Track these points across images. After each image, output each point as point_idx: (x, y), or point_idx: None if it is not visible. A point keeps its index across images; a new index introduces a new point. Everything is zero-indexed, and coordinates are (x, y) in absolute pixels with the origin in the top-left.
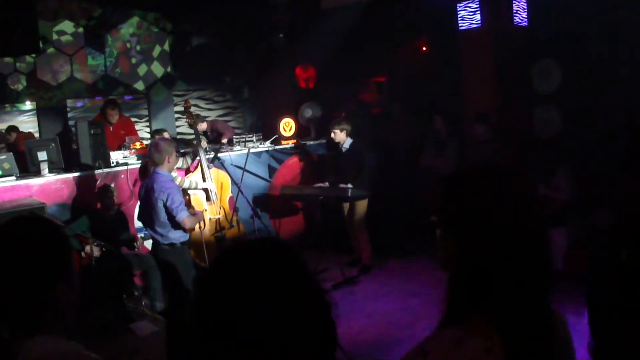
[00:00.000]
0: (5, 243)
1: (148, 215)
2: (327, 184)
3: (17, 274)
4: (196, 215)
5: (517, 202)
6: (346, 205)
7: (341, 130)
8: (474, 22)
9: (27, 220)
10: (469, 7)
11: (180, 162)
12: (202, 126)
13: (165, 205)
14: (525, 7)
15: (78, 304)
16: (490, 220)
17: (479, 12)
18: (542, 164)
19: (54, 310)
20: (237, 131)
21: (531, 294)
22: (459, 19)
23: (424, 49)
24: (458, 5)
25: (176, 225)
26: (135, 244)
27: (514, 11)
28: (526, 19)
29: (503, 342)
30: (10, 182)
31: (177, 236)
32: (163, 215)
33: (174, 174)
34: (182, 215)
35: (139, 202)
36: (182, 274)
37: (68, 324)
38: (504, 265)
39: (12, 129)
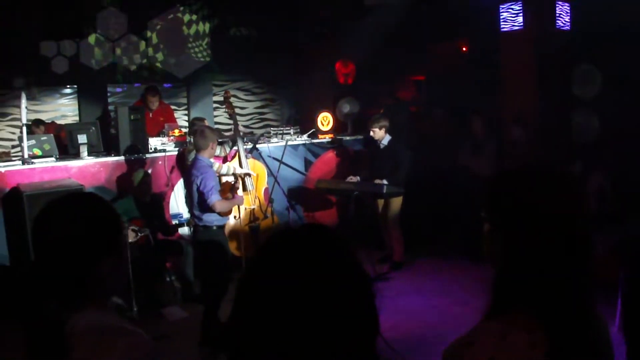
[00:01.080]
0: (56, 216)
1: (189, 198)
2: (358, 178)
3: (67, 247)
4: (232, 200)
5: (566, 200)
6: (380, 202)
7: (380, 128)
8: (516, 24)
9: (78, 195)
10: (512, 8)
11: (218, 150)
12: (240, 128)
13: (198, 189)
14: (568, 11)
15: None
16: (539, 217)
17: (521, 14)
18: (578, 169)
19: (101, 285)
20: (274, 124)
21: (575, 292)
22: (501, 20)
23: (464, 49)
24: (501, 6)
25: (209, 208)
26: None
27: (557, 14)
28: (568, 23)
29: (546, 338)
30: (50, 163)
31: (211, 219)
32: (196, 198)
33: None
34: (213, 199)
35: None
36: (216, 257)
37: (111, 297)
38: (550, 261)
39: (39, 122)
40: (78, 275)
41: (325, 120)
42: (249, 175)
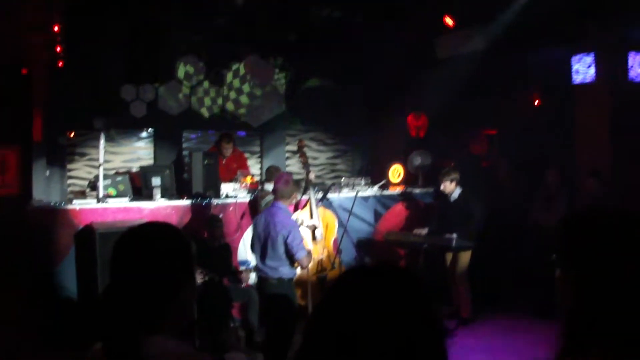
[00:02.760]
0: (142, 245)
1: (263, 248)
2: (425, 230)
3: (152, 276)
4: (309, 254)
5: (636, 242)
6: (449, 255)
7: (451, 181)
8: (588, 76)
9: (159, 225)
10: (584, 60)
11: None
12: (311, 175)
13: (285, 242)
14: None
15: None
16: (610, 262)
17: (593, 65)
18: None
19: (177, 313)
20: (345, 175)
21: None
22: (573, 72)
23: (537, 102)
24: (572, 58)
25: (292, 262)
26: (239, 276)
27: (630, 66)
28: None
29: None
30: (123, 203)
31: (287, 272)
32: (280, 250)
33: None
34: (302, 254)
35: (251, 233)
36: (286, 309)
37: (185, 325)
38: (621, 305)
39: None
40: (162, 301)
41: (396, 172)
42: (318, 226)
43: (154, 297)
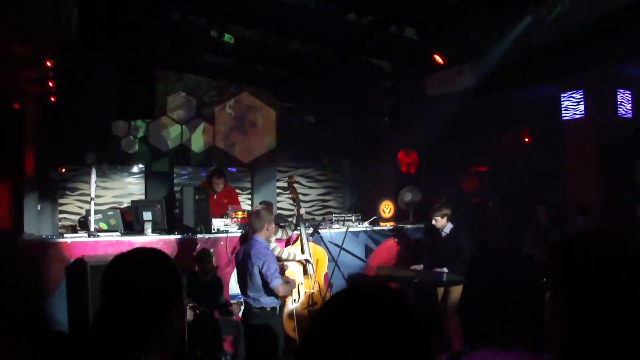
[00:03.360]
0: (130, 268)
1: (243, 280)
2: (421, 266)
3: (141, 298)
4: (289, 283)
5: (628, 264)
6: (440, 290)
7: (442, 217)
8: (577, 112)
9: (148, 250)
10: (573, 97)
11: (280, 234)
12: (302, 211)
13: (260, 272)
14: (630, 99)
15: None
16: (600, 284)
17: (582, 102)
18: None
19: (166, 335)
20: (336, 211)
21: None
22: (563, 109)
23: (527, 139)
24: (562, 95)
25: (269, 291)
26: (230, 309)
27: (618, 102)
28: (630, 111)
29: None
30: (114, 237)
31: (268, 301)
32: (258, 281)
33: (272, 244)
34: (276, 283)
35: (236, 268)
36: (269, 339)
37: (174, 349)
38: (613, 327)
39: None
40: (150, 324)
41: (386, 208)
42: (309, 260)
43: (143, 320)
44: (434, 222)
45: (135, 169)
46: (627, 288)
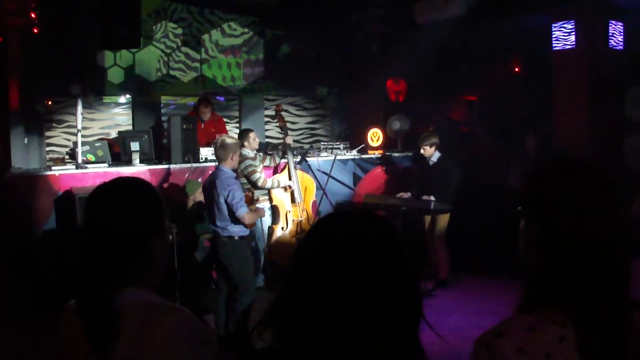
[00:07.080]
0: (111, 198)
1: (210, 210)
2: (409, 194)
3: (123, 227)
4: (257, 211)
5: (601, 197)
6: (427, 218)
7: (430, 146)
8: (568, 43)
9: (131, 179)
10: (564, 27)
11: (267, 161)
12: (289, 139)
13: (226, 201)
14: (622, 31)
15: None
16: (573, 212)
17: (573, 33)
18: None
19: (148, 266)
20: (324, 139)
21: (609, 289)
22: (554, 39)
23: (517, 69)
24: (553, 25)
25: (236, 220)
26: None
27: (610, 34)
28: (622, 43)
29: (576, 332)
30: (102, 168)
31: (236, 230)
32: (224, 210)
33: (257, 174)
34: (242, 211)
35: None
36: (240, 267)
37: (157, 280)
38: (584, 257)
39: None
40: (132, 255)
41: (375, 136)
42: (292, 187)
43: (125, 250)
44: (422, 151)
45: (122, 99)
46: (598, 219)
